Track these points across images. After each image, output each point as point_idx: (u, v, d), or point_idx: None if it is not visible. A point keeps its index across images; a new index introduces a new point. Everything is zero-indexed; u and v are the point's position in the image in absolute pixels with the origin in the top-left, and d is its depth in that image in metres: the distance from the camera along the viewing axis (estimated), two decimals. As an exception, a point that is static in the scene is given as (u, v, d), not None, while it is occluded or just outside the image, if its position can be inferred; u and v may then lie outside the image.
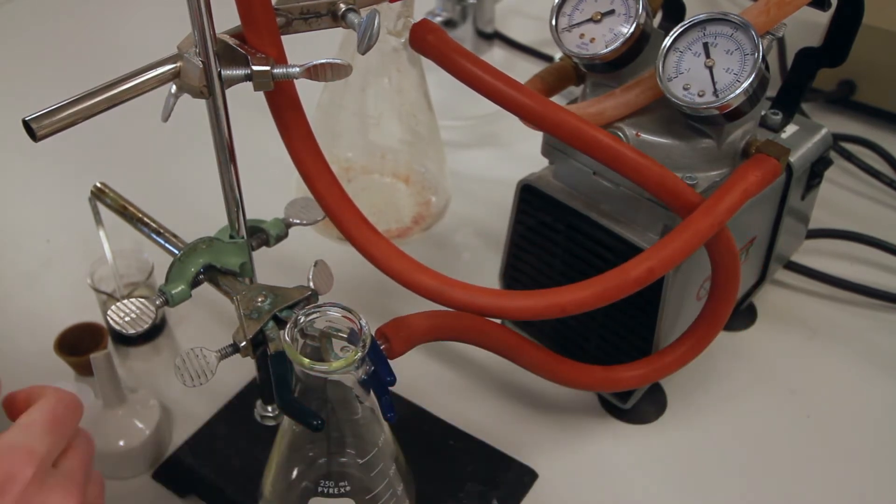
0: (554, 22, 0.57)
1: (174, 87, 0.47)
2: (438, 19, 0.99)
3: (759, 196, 0.55)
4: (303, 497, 0.52)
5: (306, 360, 0.46)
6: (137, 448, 0.61)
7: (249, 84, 0.47)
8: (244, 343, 0.54)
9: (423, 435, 0.64)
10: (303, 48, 0.54)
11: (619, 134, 0.56)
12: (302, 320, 0.47)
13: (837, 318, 0.74)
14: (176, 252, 0.56)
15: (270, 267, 0.63)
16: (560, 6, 0.57)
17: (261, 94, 0.49)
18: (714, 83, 0.52)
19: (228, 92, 0.47)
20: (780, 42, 0.98)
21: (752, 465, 0.63)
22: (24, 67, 1.05)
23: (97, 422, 0.60)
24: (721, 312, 0.59)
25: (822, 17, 0.60)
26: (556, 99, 0.54)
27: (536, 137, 0.62)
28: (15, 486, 0.40)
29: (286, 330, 0.47)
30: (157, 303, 0.53)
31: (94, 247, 0.66)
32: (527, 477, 0.62)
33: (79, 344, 0.67)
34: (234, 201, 0.53)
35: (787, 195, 0.64)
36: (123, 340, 0.71)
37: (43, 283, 0.77)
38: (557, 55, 0.90)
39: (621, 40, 0.55)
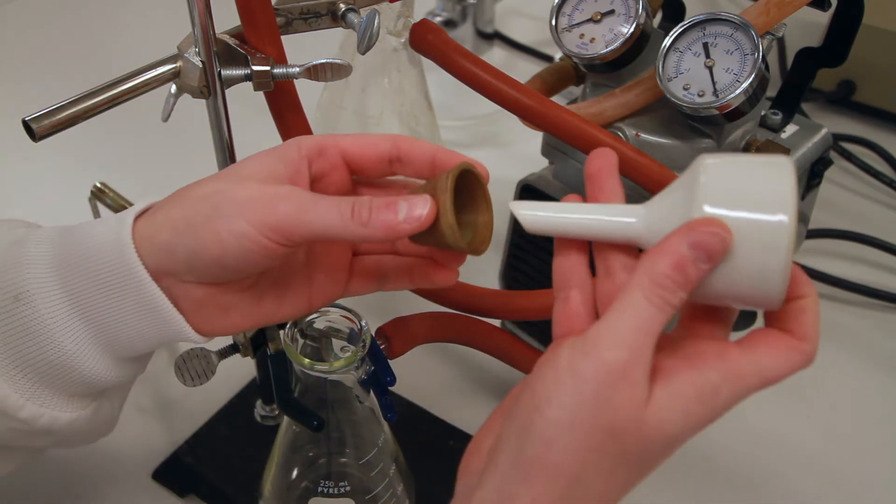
0: (554, 22, 0.57)
1: (174, 87, 0.47)
2: (438, 19, 0.99)
3: (759, 196, 0.55)
4: (303, 497, 0.52)
5: (306, 360, 0.46)
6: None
7: (249, 84, 0.47)
8: (244, 343, 0.54)
9: (423, 435, 0.64)
10: (303, 48, 0.54)
11: (619, 134, 0.56)
12: (302, 320, 0.47)
13: (837, 318, 0.74)
14: (176, 252, 0.56)
15: (270, 267, 0.63)
16: (560, 6, 0.57)
17: (261, 94, 0.49)
18: (714, 83, 0.52)
19: (228, 92, 0.47)
20: (780, 42, 0.98)
21: (752, 465, 0.63)
22: (24, 67, 1.05)
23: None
24: (721, 312, 0.58)
25: (822, 17, 0.60)
26: (556, 99, 0.54)
27: (536, 137, 0.62)
28: None
29: (286, 330, 0.47)
30: (157, 303, 0.53)
31: (94, 247, 0.66)
32: (527, 477, 0.62)
33: None
34: (234, 201, 0.53)
35: (787, 195, 0.64)
36: (123, 340, 0.71)
37: (43, 283, 0.77)
38: (557, 55, 0.90)
39: (621, 40, 0.55)
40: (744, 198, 0.33)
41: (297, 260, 0.43)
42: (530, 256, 0.66)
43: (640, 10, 0.54)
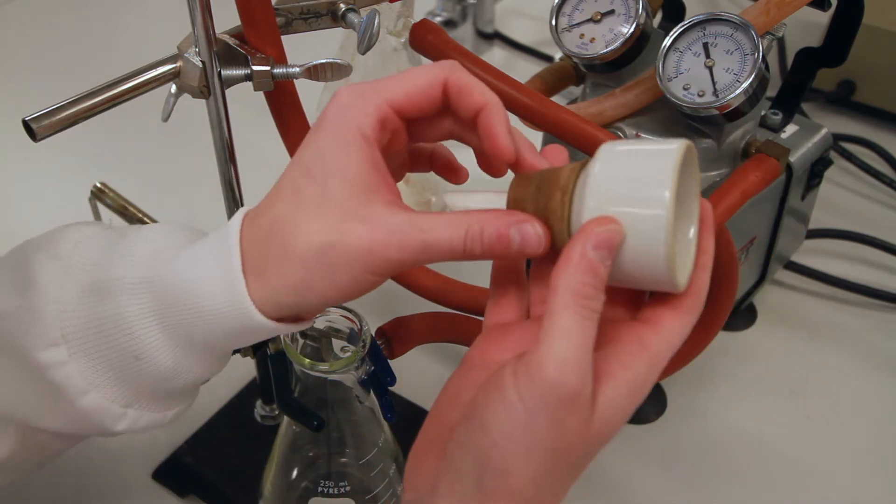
0: (554, 22, 0.57)
1: (174, 87, 0.47)
2: (438, 19, 0.99)
3: (759, 196, 0.55)
4: (303, 497, 0.52)
5: (306, 360, 0.46)
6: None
7: (249, 84, 0.47)
8: (244, 343, 0.54)
9: (423, 435, 0.64)
10: (303, 48, 0.54)
11: (619, 134, 0.56)
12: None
13: (837, 318, 0.74)
14: (176, 252, 0.56)
15: (270, 267, 0.63)
16: (560, 6, 0.57)
17: (261, 94, 0.49)
18: (714, 83, 0.52)
19: (228, 92, 0.47)
20: (780, 42, 0.98)
21: (753, 465, 0.63)
22: (24, 67, 1.05)
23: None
24: (719, 313, 0.58)
25: (822, 17, 0.60)
26: (556, 99, 0.54)
27: (536, 137, 0.61)
28: None
29: (286, 330, 0.47)
30: (157, 303, 0.53)
31: (94, 247, 0.66)
32: (527, 477, 0.62)
33: None
34: (234, 201, 0.53)
35: (787, 195, 0.64)
36: (123, 340, 0.71)
37: (43, 283, 0.77)
38: (557, 55, 0.90)
39: (621, 40, 0.55)
40: (629, 189, 0.34)
41: None
42: (530, 256, 0.66)
43: (640, 10, 0.54)
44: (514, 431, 0.33)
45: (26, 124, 0.42)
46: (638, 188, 0.33)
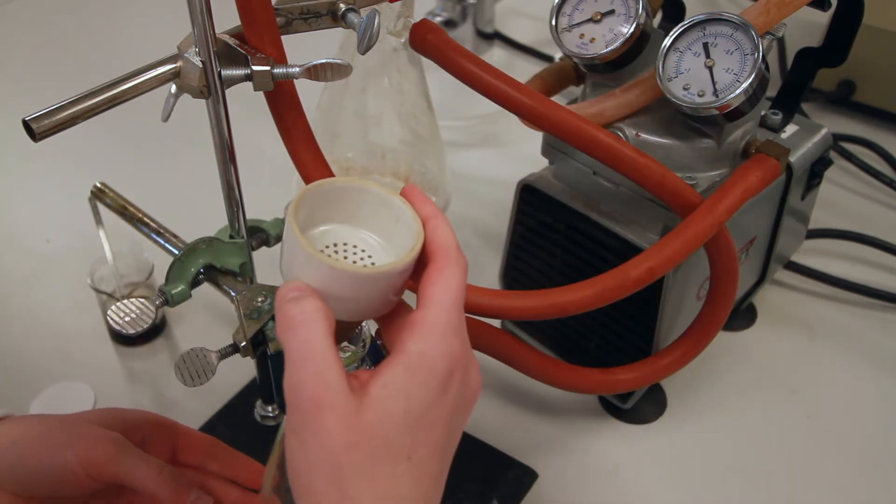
0: (554, 22, 0.57)
1: (174, 87, 0.47)
2: (438, 19, 1.00)
3: (759, 196, 0.55)
4: (303, 497, 0.52)
5: (306, 360, 0.46)
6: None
7: (249, 84, 0.47)
8: (244, 343, 0.54)
9: (423, 435, 0.64)
10: (303, 48, 0.54)
11: (619, 134, 0.56)
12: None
13: (837, 318, 0.74)
14: (176, 252, 0.56)
15: (270, 267, 0.63)
16: (560, 6, 0.57)
17: (261, 94, 0.49)
18: (714, 83, 0.52)
19: (228, 92, 0.47)
20: (780, 42, 0.98)
21: (752, 465, 0.63)
22: (24, 67, 1.05)
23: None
24: (719, 313, 0.59)
25: (822, 17, 0.60)
26: (556, 99, 0.54)
27: (536, 137, 0.62)
28: None
29: (286, 330, 0.47)
30: (157, 303, 0.53)
31: (94, 247, 0.66)
32: (527, 477, 0.62)
33: None
34: (234, 201, 0.53)
35: (787, 195, 0.64)
36: (123, 340, 0.71)
37: (43, 283, 0.77)
38: (557, 55, 0.90)
39: (621, 40, 0.55)
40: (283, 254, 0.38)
41: None
42: (530, 256, 0.66)
43: (640, 10, 0.54)
44: (293, 465, 0.36)
45: (26, 124, 0.42)
46: (284, 247, 0.38)
